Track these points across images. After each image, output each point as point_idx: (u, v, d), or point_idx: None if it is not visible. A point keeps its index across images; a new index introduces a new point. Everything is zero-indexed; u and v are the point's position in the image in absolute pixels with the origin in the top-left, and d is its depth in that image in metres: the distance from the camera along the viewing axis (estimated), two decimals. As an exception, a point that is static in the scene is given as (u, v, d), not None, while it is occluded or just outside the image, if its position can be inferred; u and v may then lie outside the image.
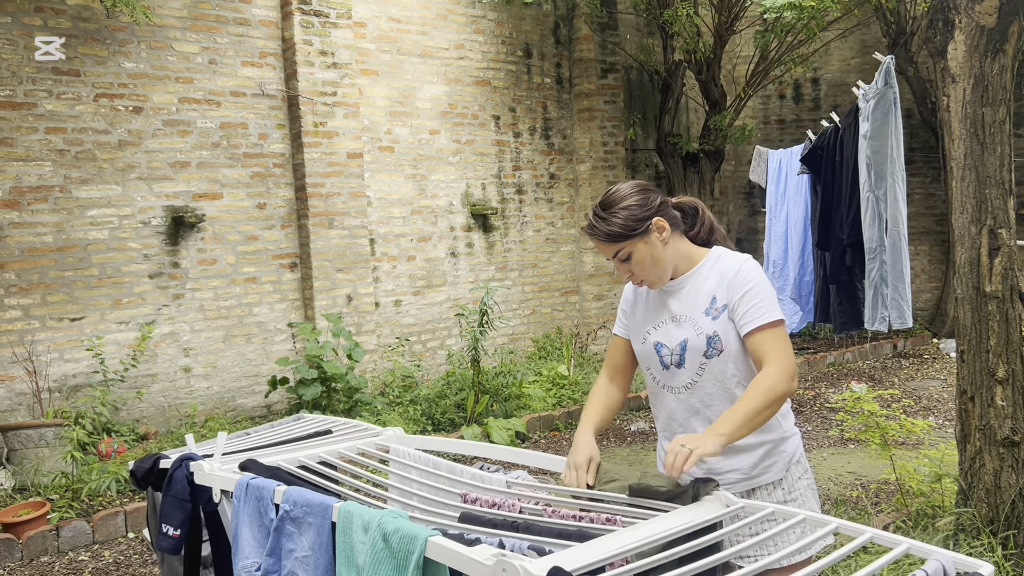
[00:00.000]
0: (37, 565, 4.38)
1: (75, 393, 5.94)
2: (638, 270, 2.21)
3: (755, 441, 2.16)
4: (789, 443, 2.23)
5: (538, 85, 8.81)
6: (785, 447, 2.22)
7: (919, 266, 9.98)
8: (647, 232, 2.16)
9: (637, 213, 2.15)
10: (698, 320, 2.20)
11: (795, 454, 2.24)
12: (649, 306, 2.33)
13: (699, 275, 2.24)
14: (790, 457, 2.22)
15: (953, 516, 3.65)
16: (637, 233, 2.15)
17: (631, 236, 2.16)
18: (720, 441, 1.93)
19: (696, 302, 2.22)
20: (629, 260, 2.19)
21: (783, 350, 2.08)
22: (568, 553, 1.49)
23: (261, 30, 6.83)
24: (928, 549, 1.50)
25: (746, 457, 2.19)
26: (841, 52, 10.19)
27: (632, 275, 2.24)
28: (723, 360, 2.18)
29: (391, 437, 2.64)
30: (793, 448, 2.24)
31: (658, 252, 2.18)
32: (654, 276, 2.22)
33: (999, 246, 3.44)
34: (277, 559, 1.98)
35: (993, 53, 3.43)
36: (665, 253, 2.19)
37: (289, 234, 7.01)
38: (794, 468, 2.23)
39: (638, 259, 2.18)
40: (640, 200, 2.17)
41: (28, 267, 5.80)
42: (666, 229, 2.18)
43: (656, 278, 2.23)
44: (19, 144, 5.76)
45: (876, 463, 5.14)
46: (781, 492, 2.21)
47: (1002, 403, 3.45)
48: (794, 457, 2.23)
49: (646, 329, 2.32)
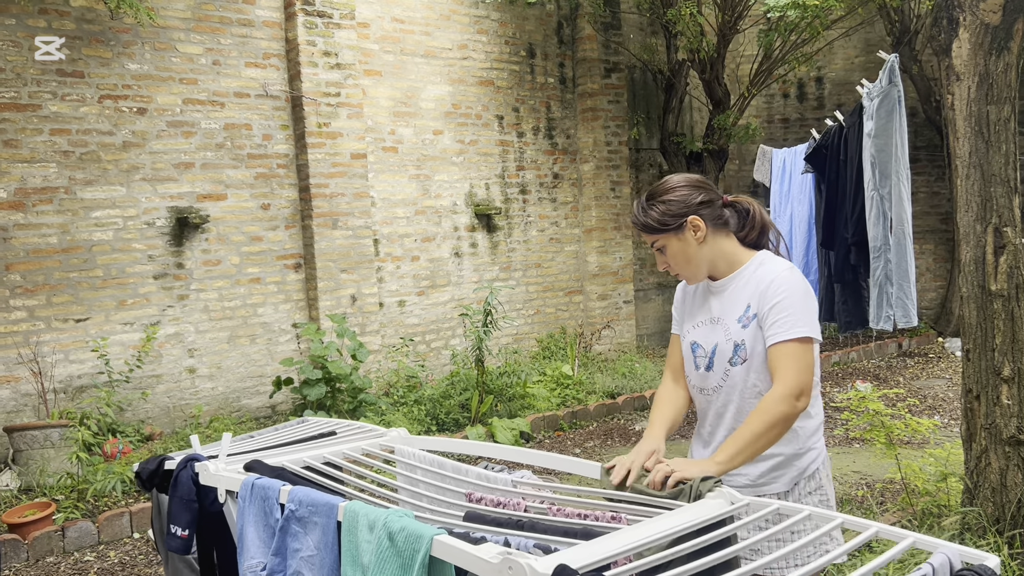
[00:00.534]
0: (43, 565, 4.39)
1: (80, 394, 5.95)
2: (672, 263, 2.23)
3: (766, 452, 2.13)
4: (804, 458, 2.19)
5: (542, 85, 8.81)
6: (799, 462, 2.19)
7: (924, 265, 9.96)
8: (681, 229, 2.17)
9: (673, 209, 2.16)
10: (730, 326, 2.20)
11: (808, 469, 2.20)
12: (695, 304, 2.34)
13: (740, 279, 2.22)
14: (801, 472, 2.19)
15: (959, 515, 3.64)
16: (670, 228, 2.17)
17: (664, 231, 2.18)
18: (716, 471, 1.93)
19: (734, 307, 2.21)
20: (664, 252, 2.22)
21: (797, 369, 2.04)
22: (573, 551, 1.49)
23: (265, 31, 6.84)
24: (934, 542, 1.50)
25: (754, 466, 2.18)
26: (845, 51, 10.17)
27: (668, 267, 2.26)
28: (746, 369, 2.17)
29: (395, 438, 2.65)
30: (807, 463, 2.20)
31: (691, 250, 2.19)
32: (687, 272, 2.24)
33: (1004, 244, 3.43)
34: (283, 559, 1.98)
35: (998, 51, 3.42)
36: (700, 252, 2.19)
37: (293, 235, 7.02)
38: (805, 483, 2.20)
39: (671, 253, 2.21)
40: (681, 196, 2.17)
41: (33, 268, 5.82)
42: (701, 229, 2.17)
43: (689, 275, 2.25)
44: (24, 146, 5.77)
45: (881, 462, 5.13)
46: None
47: (1008, 402, 3.44)
48: (806, 472, 2.19)
49: (687, 327, 2.33)
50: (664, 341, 9.94)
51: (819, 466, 2.21)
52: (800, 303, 2.10)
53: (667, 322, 10.03)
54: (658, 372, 8.00)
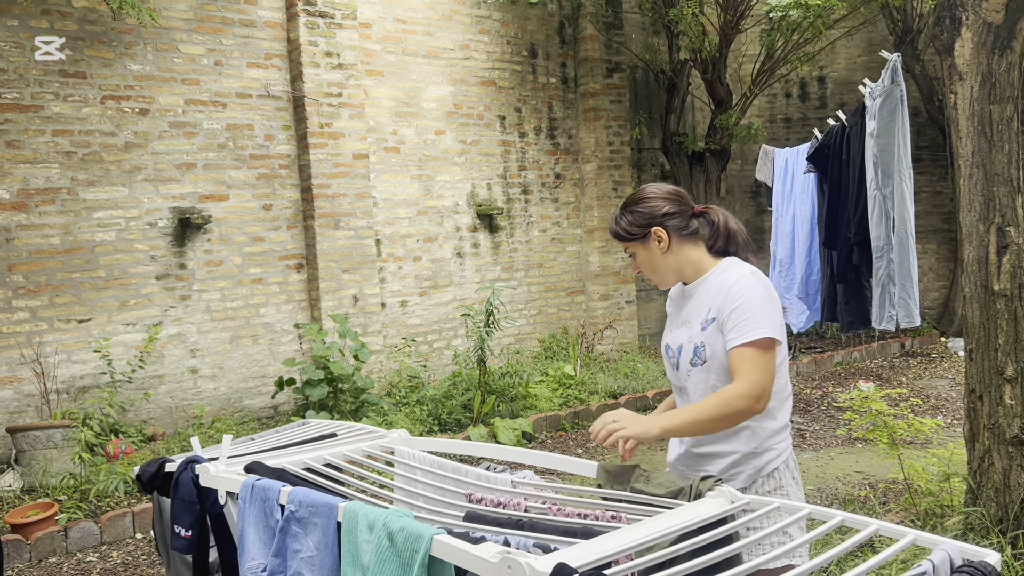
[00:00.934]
0: (45, 566, 4.40)
1: (83, 394, 5.96)
2: (641, 269, 2.39)
3: (726, 449, 2.21)
4: (762, 457, 2.22)
5: (543, 85, 8.81)
6: (756, 461, 2.22)
7: (927, 264, 9.94)
8: (646, 238, 2.31)
9: (639, 219, 2.30)
10: (694, 328, 2.29)
11: (766, 468, 2.22)
12: (674, 308, 2.46)
13: (704, 285, 2.31)
14: (759, 470, 2.22)
15: (962, 515, 3.63)
16: (636, 237, 2.32)
17: (631, 239, 2.33)
18: (656, 431, 2.06)
19: (699, 311, 2.30)
20: (634, 258, 2.38)
21: (755, 371, 2.10)
22: (573, 550, 1.49)
23: (267, 31, 6.85)
24: (934, 539, 1.50)
25: (715, 463, 2.24)
26: (847, 50, 10.16)
27: (637, 271, 2.41)
28: (706, 370, 2.25)
29: (396, 439, 2.64)
30: (765, 462, 2.22)
31: (656, 259, 2.32)
32: (654, 278, 2.38)
33: (1007, 244, 3.42)
34: (283, 559, 1.98)
35: (1001, 50, 3.41)
36: (664, 260, 2.32)
37: (295, 235, 7.02)
38: (763, 481, 2.22)
39: (639, 260, 2.37)
40: (649, 208, 2.30)
41: (36, 269, 5.83)
42: (664, 240, 2.29)
43: (657, 280, 2.37)
44: (26, 146, 5.78)
45: (884, 462, 5.12)
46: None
47: (1011, 402, 3.43)
48: (764, 471, 2.22)
49: (666, 331, 2.46)
50: (666, 341, 9.94)
51: (779, 465, 2.24)
52: (758, 306, 2.15)
53: (669, 322, 10.03)
54: (660, 372, 8.00)
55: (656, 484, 1.91)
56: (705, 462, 2.24)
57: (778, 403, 2.24)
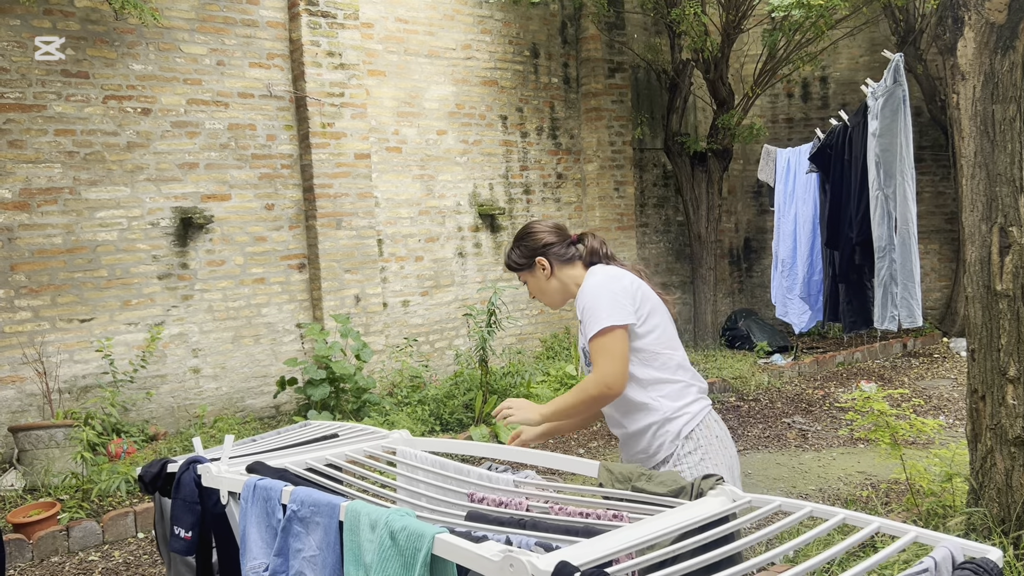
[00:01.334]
0: (47, 565, 4.40)
1: (85, 394, 5.97)
2: (534, 293, 2.75)
3: (643, 424, 2.47)
4: (677, 422, 2.45)
5: (545, 85, 8.81)
6: (669, 427, 2.45)
7: (929, 265, 9.93)
8: (532, 267, 2.69)
9: (525, 252, 2.68)
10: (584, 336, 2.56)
11: (683, 431, 2.45)
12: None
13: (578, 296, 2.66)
14: (675, 435, 2.45)
15: (964, 516, 3.62)
16: (524, 268, 2.70)
17: (520, 269, 2.71)
18: (536, 418, 2.49)
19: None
20: (527, 285, 2.75)
21: (602, 360, 2.39)
22: (575, 548, 1.49)
23: (269, 31, 6.85)
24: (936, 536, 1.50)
25: (640, 439, 2.49)
26: (850, 50, 10.15)
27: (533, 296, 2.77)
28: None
29: (397, 440, 2.65)
30: (681, 426, 2.45)
31: (542, 284, 2.69)
32: (544, 300, 2.74)
33: (1010, 244, 3.42)
34: (285, 559, 1.98)
35: (1003, 50, 3.40)
36: (549, 284, 2.69)
37: (297, 235, 7.03)
38: (683, 443, 2.45)
39: (530, 287, 2.74)
40: (531, 241, 2.67)
41: (38, 268, 5.83)
42: (546, 268, 2.66)
43: (546, 302, 2.74)
44: (29, 146, 5.79)
45: (886, 463, 5.12)
46: (669, 466, 2.45)
47: (1013, 402, 3.43)
48: (682, 434, 2.45)
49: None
50: (668, 341, 9.93)
51: (695, 427, 2.46)
52: (595, 301, 2.45)
53: (671, 322, 10.02)
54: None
55: (658, 483, 1.91)
56: (635, 439, 2.51)
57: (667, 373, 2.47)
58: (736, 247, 10.78)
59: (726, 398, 7.51)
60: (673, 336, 2.53)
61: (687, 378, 2.50)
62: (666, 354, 2.47)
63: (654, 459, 2.47)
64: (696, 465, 2.41)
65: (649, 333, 2.46)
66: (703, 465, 2.41)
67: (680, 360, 2.51)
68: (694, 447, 2.43)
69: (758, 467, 5.55)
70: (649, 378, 2.45)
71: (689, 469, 2.40)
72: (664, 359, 2.47)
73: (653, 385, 2.45)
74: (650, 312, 2.47)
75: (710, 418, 2.49)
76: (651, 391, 2.45)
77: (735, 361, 8.50)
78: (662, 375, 2.46)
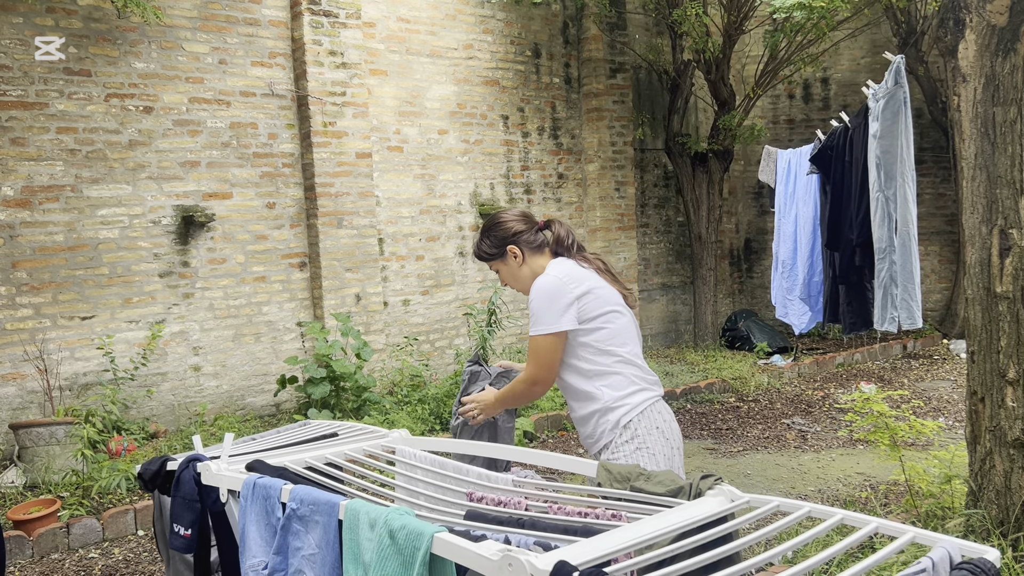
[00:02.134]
0: (47, 562, 4.41)
1: (86, 391, 5.98)
2: (506, 280, 2.81)
3: (588, 411, 2.63)
4: (616, 412, 2.58)
5: (547, 85, 8.81)
6: (609, 416, 2.59)
7: (929, 266, 9.93)
8: (504, 256, 2.75)
9: (495, 241, 2.74)
10: None
11: (622, 421, 2.57)
12: None
13: None
14: (614, 424, 2.58)
15: (963, 518, 3.63)
16: (496, 257, 2.76)
17: (492, 258, 2.78)
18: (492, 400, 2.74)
19: None
20: (499, 273, 2.81)
21: (531, 362, 2.62)
22: (574, 548, 1.49)
23: (271, 30, 6.86)
24: (934, 537, 1.50)
25: (587, 424, 2.65)
26: (851, 52, 10.15)
27: (505, 283, 2.83)
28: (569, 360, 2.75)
29: (397, 439, 2.65)
30: (619, 416, 2.58)
31: (515, 272, 2.76)
32: (516, 287, 2.79)
33: (1010, 246, 3.42)
34: (284, 557, 1.98)
35: (1004, 52, 3.41)
36: (521, 271, 2.75)
37: (298, 233, 7.04)
38: (621, 432, 2.57)
39: (503, 274, 2.80)
40: (502, 230, 2.73)
41: (39, 266, 5.84)
42: (519, 256, 2.73)
43: (518, 288, 2.78)
44: (31, 144, 5.80)
45: (885, 464, 5.12)
46: (607, 453, 2.59)
47: (1013, 404, 3.43)
48: (621, 423, 2.57)
49: None
50: (668, 340, 9.93)
51: (634, 418, 2.57)
52: (540, 305, 2.58)
53: (671, 322, 10.03)
54: (663, 372, 8.00)
55: (656, 483, 1.92)
56: (582, 423, 2.67)
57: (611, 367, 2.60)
58: (736, 248, 10.78)
59: (725, 399, 7.51)
60: (623, 332, 2.65)
61: (631, 372, 2.63)
62: (611, 350, 2.61)
63: (597, 444, 2.63)
64: (632, 454, 2.54)
65: (595, 331, 2.60)
66: (639, 455, 2.55)
67: (627, 355, 2.64)
68: (631, 436, 2.55)
69: (757, 468, 5.56)
70: (593, 370, 2.60)
71: (625, 457, 2.54)
72: (609, 354, 2.61)
73: (597, 376, 2.60)
74: (600, 314, 2.60)
75: (652, 410, 2.60)
76: (595, 381, 2.60)
77: (735, 362, 8.51)
78: (606, 368, 2.60)
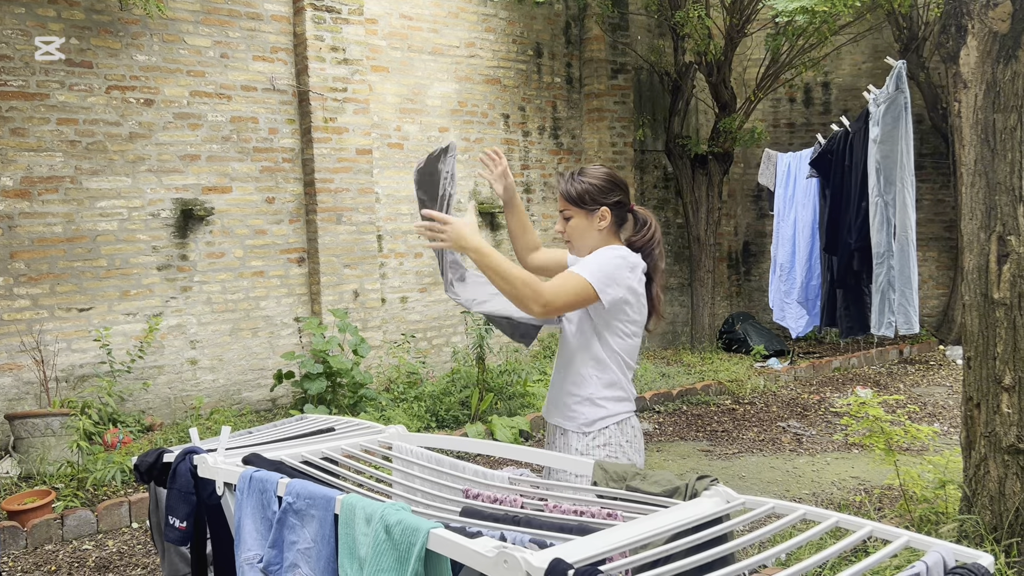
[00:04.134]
0: (41, 553, 4.41)
1: (82, 383, 5.97)
2: (569, 232, 2.61)
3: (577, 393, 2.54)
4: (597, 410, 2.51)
5: (548, 84, 8.81)
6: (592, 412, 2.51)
7: (927, 272, 9.95)
8: (592, 211, 2.54)
9: (593, 193, 2.53)
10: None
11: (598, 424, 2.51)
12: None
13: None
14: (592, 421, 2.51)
15: (957, 523, 3.64)
16: (585, 207, 2.54)
17: (579, 205, 2.55)
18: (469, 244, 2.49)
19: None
20: (568, 221, 2.60)
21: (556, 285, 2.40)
22: (569, 546, 1.50)
23: (273, 25, 6.86)
24: (928, 541, 1.51)
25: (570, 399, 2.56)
26: (852, 56, 10.16)
27: (562, 233, 2.64)
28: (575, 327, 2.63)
29: (394, 435, 2.66)
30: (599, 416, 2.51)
31: (589, 232, 2.56)
32: (578, 244, 2.61)
33: (1008, 253, 3.43)
34: (279, 551, 1.99)
35: (1006, 59, 3.41)
36: (593, 236, 2.56)
37: (297, 229, 7.03)
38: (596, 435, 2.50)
39: (573, 225, 2.59)
40: (605, 185, 2.54)
41: (37, 257, 5.84)
42: (606, 220, 2.54)
43: (577, 247, 2.62)
44: (31, 134, 5.79)
45: (880, 468, 5.13)
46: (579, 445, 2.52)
47: (1008, 410, 3.44)
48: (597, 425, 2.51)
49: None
50: (665, 342, 9.94)
51: (610, 425, 2.51)
52: (603, 261, 2.45)
53: (668, 324, 10.03)
54: (659, 374, 8.01)
55: (652, 483, 1.92)
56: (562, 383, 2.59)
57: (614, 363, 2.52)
58: (735, 250, 10.79)
59: (721, 401, 7.52)
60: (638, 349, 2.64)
61: (627, 383, 2.59)
62: (628, 361, 2.57)
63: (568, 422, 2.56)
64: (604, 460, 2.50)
65: (627, 338, 2.55)
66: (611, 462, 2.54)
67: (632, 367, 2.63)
68: (605, 442, 2.50)
69: (752, 470, 5.57)
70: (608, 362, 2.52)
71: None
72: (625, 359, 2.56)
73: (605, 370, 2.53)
74: (636, 321, 2.54)
75: (629, 425, 2.56)
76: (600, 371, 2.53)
77: (731, 364, 8.52)
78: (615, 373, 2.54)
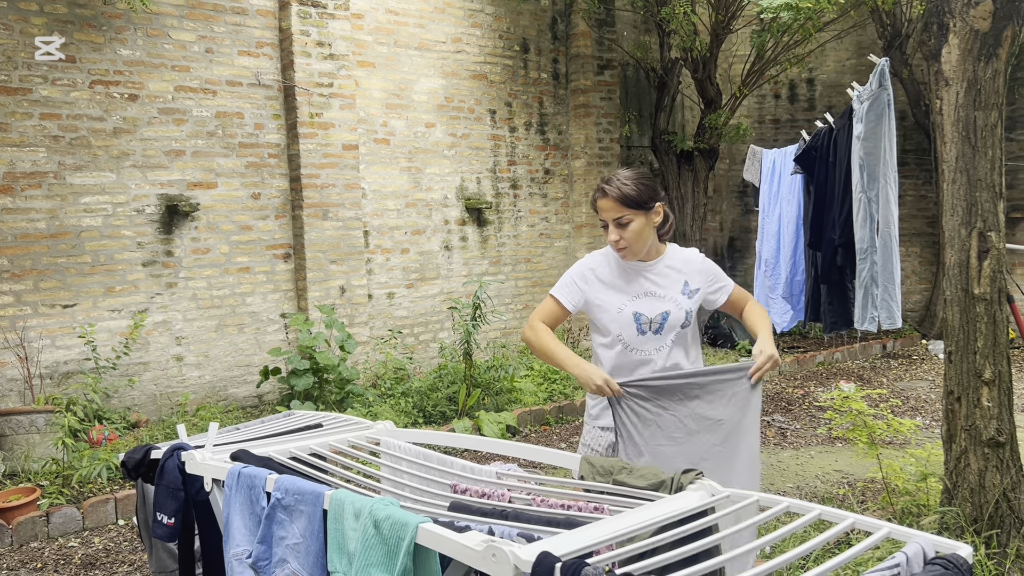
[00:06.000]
0: (27, 550, 4.39)
1: (67, 380, 5.94)
2: (629, 237, 2.56)
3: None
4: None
5: (534, 80, 8.82)
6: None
7: (910, 267, 10.03)
8: (651, 210, 2.55)
9: (649, 192, 2.55)
10: (677, 298, 2.65)
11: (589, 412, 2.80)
12: (618, 284, 2.67)
13: (667, 262, 2.70)
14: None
15: (938, 515, 3.69)
16: (645, 206, 2.53)
17: (640, 207, 2.53)
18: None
19: (673, 283, 2.67)
20: (626, 227, 2.54)
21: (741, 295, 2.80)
22: (557, 539, 1.51)
23: (258, 20, 6.82)
24: (908, 532, 1.53)
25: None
26: (837, 53, 10.22)
27: (620, 240, 2.58)
28: (693, 327, 2.73)
29: (382, 430, 2.67)
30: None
31: (647, 231, 2.57)
32: (638, 247, 2.59)
33: (988, 248, 3.48)
34: (268, 546, 1.99)
35: (986, 57, 3.45)
36: (651, 234, 2.59)
37: (283, 225, 7.01)
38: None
39: (633, 228, 2.54)
40: (652, 184, 2.59)
41: (21, 253, 5.79)
42: (661, 215, 2.59)
43: (636, 250, 2.60)
44: (13, 129, 5.74)
45: (863, 462, 5.19)
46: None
47: (988, 404, 3.49)
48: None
49: (622, 302, 2.65)
50: (651, 338, 9.96)
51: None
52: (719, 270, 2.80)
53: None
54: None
55: (638, 476, 1.94)
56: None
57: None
58: (720, 246, 10.85)
59: (707, 395, 7.55)
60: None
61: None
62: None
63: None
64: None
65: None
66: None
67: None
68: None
69: (737, 464, 5.60)
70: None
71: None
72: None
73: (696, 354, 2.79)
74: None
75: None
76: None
77: (717, 359, 8.57)
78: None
